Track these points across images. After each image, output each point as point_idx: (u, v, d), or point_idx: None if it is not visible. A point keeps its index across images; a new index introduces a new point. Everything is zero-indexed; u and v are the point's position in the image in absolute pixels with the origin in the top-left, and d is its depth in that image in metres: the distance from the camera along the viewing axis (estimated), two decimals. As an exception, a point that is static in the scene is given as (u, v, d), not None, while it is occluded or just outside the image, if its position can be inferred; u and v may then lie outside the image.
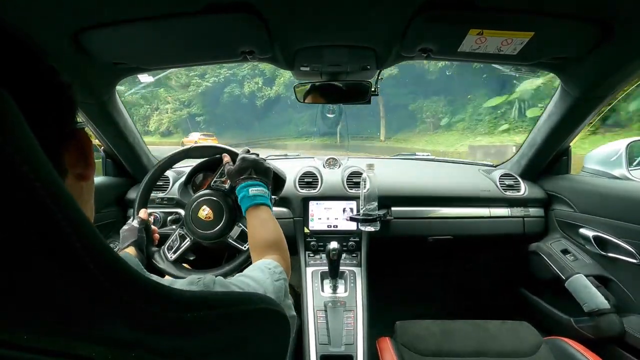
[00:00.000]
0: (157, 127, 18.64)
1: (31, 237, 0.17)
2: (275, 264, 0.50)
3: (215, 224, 0.79)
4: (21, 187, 0.17)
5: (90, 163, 0.30)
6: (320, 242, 1.14)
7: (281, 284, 0.46)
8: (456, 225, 1.19)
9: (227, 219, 0.79)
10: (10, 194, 0.16)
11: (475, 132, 10.55)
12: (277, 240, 0.60)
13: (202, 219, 0.80)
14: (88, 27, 0.64)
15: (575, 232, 1.07)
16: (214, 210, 0.80)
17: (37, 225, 0.17)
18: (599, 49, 0.72)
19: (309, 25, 0.68)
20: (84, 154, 0.29)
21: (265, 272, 0.46)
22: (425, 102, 12.77)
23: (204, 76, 17.23)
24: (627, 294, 0.92)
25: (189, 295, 0.24)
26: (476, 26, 0.65)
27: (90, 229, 0.20)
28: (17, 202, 0.16)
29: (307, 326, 0.95)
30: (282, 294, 0.45)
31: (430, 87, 12.72)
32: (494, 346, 0.88)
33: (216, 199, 0.80)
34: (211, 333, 0.25)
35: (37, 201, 0.17)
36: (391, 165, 1.49)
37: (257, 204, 0.64)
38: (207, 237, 0.79)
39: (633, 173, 1.02)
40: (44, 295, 0.19)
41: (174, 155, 0.86)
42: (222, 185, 0.84)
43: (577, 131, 1.07)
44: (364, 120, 13.38)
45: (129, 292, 0.21)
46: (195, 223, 0.80)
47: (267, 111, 16.88)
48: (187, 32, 0.69)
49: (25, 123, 0.18)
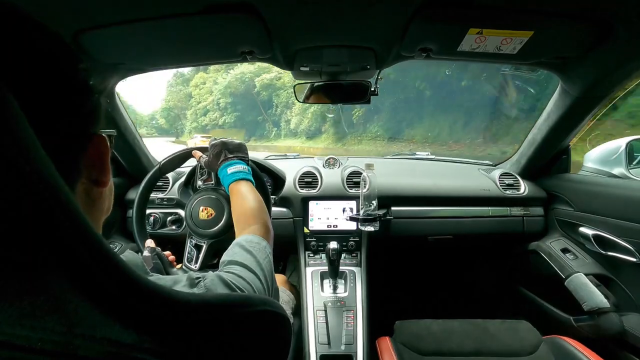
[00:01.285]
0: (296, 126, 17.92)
1: (31, 237, 0.17)
2: (259, 239, 0.52)
3: (218, 221, 0.79)
4: (22, 186, 0.17)
5: (106, 170, 0.30)
6: (320, 242, 1.14)
7: (269, 261, 0.49)
8: (456, 224, 1.19)
9: (228, 213, 0.79)
10: (10, 193, 0.16)
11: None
12: (256, 209, 0.61)
13: (205, 219, 0.80)
14: (88, 27, 0.64)
15: (575, 231, 1.07)
16: (213, 208, 0.80)
17: (37, 226, 0.17)
18: (598, 49, 0.72)
19: (309, 25, 0.68)
20: (101, 160, 0.29)
21: (253, 253, 0.47)
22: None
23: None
24: (627, 293, 0.93)
25: (189, 297, 0.24)
26: (475, 25, 0.65)
27: (90, 230, 0.20)
28: (17, 201, 0.17)
29: (307, 326, 0.95)
30: (271, 270, 0.48)
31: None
32: (494, 345, 0.88)
33: (212, 196, 0.81)
34: (212, 335, 0.25)
35: (38, 202, 0.17)
36: (391, 164, 1.49)
37: (236, 179, 0.66)
38: (214, 234, 0.80)
39: (633, 172, 1.02)
40: (44, 296, 0.19)
41: (150, 178, 0.85)
42: (208, 183, 0.84)
43: (577, 130, 1.07)
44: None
45: (129, 294, 0.21)
46: (199, 225, 0.80)
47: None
48: (186, 32, 0.68)
49: (26, 123, 0.18)
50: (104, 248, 0.20)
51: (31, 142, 0.18)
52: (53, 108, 0.24)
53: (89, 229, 0.20)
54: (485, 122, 11.09)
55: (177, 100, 35.11)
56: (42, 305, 0.19)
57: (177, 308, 0.23)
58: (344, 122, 15.31)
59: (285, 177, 1.09)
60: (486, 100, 10.90)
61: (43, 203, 0.17)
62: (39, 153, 0.18)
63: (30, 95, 0.21)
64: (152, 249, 0.76)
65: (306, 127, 18.59)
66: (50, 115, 0.23)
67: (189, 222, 0.81)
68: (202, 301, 0.25)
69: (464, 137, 11.55)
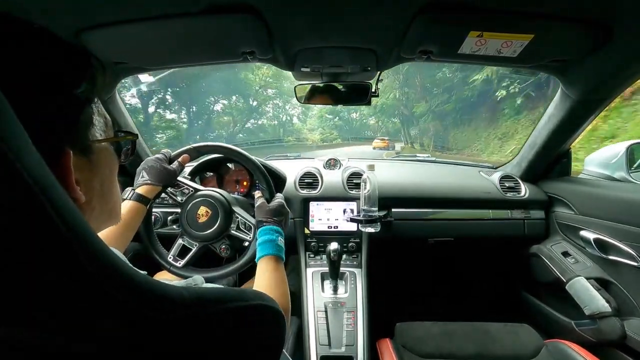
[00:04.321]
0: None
1: (24, 234, 0.17)
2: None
3: (212, 225, 0.80)
4: (14, 183, 0.17)
5: (69, 188, 0.28)
6: (321, 243, 1.14)
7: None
8: (457, 227, 1.19)
9: (223, 218, 0.80)
10: (6, 193, 0.16)
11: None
12: (285, 304, 0.56)
13: (201, 221, 0.81)
14: (89, 26, 0.65)
15: (576, 235, 1.06)
16: (210, 211, 0.81)
17: (30, 223, 0.17)
18: (598, 52, 0.72)
19: (310, 26, 0.69)
20: (64, 179, 0.27)
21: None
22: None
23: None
24: (628, 297, 0.92)
25: (185, 292, 0.24)
26: (476, 28, 0.65)
27: (84, 227, 0.20)
28: (8, 198, 0.17)
29: (308, 327, 0.94)
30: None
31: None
32: (495, 348, 0.87)
33: (210, 200, 0.82)
34: (206, 329, 0.25)
35: (30, 198, 0.17)
36: (392, 166, 1.49)
37: (278, 255, 0.64)
38: (207, 238, 0.81)
39: (633, 175, 1.01)
40: (38, 293, 0.19)
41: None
42: (174, 197, 0.84)
43: (578, 133, 1.07)
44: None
45: (124, 291, 0.21)
46: (193, 226, 0.81)
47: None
48: (187, 32, 0.69)
49: (17, 120, 0.18)
50: (98, 245, 0.20)
51: (22, 139, 0.18)
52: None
53: (82, 225, 0.20)
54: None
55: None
56: (36, 301, 0.19)
57: (171, 302, 0.23)
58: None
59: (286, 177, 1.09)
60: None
61: (34, 198, 0.17)
62: (30, 150, 0.18)
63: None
64: (179, 165, 0.77)
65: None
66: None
67: (182, 222, 0.82)
68: (196, 295, 0.25)
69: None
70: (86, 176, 0.30)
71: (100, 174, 0.33)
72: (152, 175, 0.73)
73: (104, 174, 0.33)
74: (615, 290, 0.96)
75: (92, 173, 0.32)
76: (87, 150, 0.30)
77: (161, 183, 0.73)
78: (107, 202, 0.35)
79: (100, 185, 0.33)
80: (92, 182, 0.32)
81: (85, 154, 0.30)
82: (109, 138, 0.34)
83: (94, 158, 0.31)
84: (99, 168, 0.32)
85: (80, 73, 0.28)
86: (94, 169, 0.32)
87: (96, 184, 0.32)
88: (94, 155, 0.31)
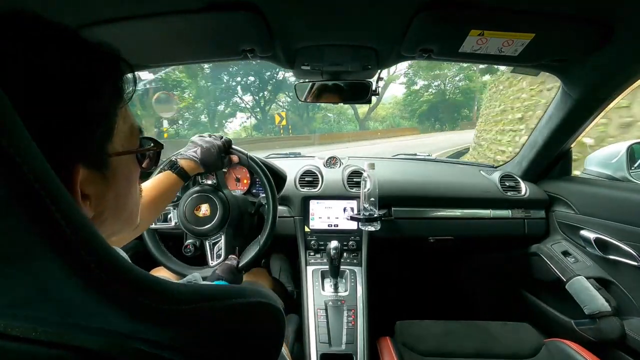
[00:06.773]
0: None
1: (26, 230, 0.17)
2: None
3: (212, 219, 0.81)
4: (17, 182, 0.17)
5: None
6: (321, 241, 1.14)
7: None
8: (457, 225, 1.19)
9: (222, 212, 0.82)
10: (6, 188, 0.16)
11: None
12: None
13: (199, 217, 0.81)
14: (89, 24, 0.64)
15: (576, 234, 1.06)
16: (209, 206, 0.82)
17: (32, 219, 0.17)
18: (599, 51, 0.72)
19: (310, 24, 0.69)
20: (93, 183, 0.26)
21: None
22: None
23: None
24: (628, 297, 0.92)
25: (183, 288, 0.24)
26: (477, 27, 0.65)
27: (85, 222, 0.20)
28: (12, 196, 0.17)
29: (308, 325, 0.95)
30: None
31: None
32: (495, 347, 0.87)
33: (208, 194, 0.83)
34: (205, 325, 0.25)
35: (32, 196, 0.17)
36: (392, 165, 1.49)
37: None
38: (206, 232, 0.81)
39: (634, 175, 1.01)
40: (38, 287, 0.19)
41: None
42: (206, 184, 0.87)
43: (578, 133, 1.07)
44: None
45: (125, 285, 0.21)
46: (191, 222, 0.82)
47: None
48: (188, 29, 0.69)
49: (21, 123, 0.18)
50: (98, 239, 0.20)
51: (20, 133, 0.18)
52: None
53: (83, 220, 0.20)
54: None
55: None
56: (36, 295, 0.19)
57: (170, 298, 0.23)
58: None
59: (286, 175, 1.09)
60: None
61: (33, 192, 0.17)
62: (27, 143, 0.18)
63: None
64: (227, 140, 0.79)
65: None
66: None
67: (182, 220, 0.82)
68: (194, 291, 0.25)
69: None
70: (99, 190, 0.28)
71: (116, 186, 0.30)
72: (204, 156, 0.71)
73: (119, 186, 0.30)
74: (615, 289, 0.96)
75: (107, 187, 0.29)
76: (103, 165, 0.28)
77: (205, 169, 0.71)
78: (122, 214, 0.32)
79: (114, 198, 0.30)
80: (106, 196, 0.29)
81: (99, 168, 0.28)
82: (131, 151, 0.31)
83: (109, 172, 0.29)
84: (116, 181, 0.30)
85: (100, 81, 0.26)
86: (109, 182, 0.29)
87: (110, 197, 0.30)
88: (110, 170, 0.29)
